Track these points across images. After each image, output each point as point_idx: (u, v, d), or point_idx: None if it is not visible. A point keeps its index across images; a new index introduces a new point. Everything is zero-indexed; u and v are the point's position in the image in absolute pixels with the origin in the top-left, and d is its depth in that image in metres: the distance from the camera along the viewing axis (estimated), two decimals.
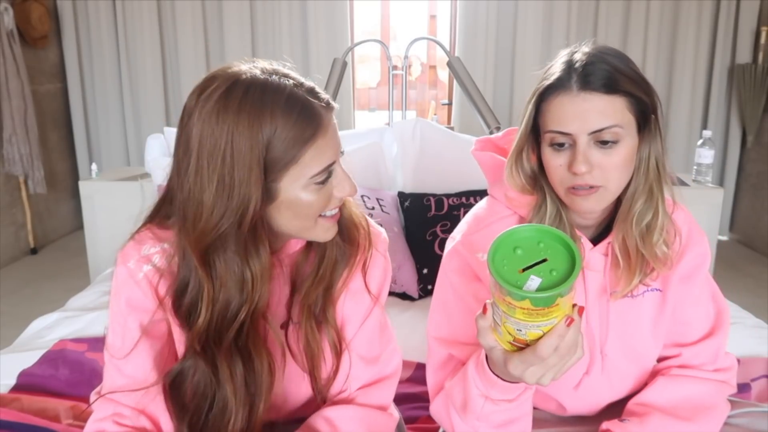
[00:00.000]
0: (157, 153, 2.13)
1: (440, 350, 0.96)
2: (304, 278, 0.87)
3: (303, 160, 0.74)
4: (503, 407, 0.80)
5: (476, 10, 3.63)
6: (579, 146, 0.82)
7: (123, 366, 0.82)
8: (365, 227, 0.91)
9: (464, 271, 0.95)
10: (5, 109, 3.14)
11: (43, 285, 3.04)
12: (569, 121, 0.82)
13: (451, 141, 2.19)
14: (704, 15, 3.61)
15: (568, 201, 0.87)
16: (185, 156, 0.74)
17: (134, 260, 0.82)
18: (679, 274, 0.95)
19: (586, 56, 0.83)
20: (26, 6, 3.35)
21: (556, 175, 0.86)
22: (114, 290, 0.84)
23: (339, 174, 0.79)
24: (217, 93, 0.72)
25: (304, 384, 0.89)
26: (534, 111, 0.87)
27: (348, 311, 0.90)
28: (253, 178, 0.71)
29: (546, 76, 0.86)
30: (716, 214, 2.29)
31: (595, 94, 0.80)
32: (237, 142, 0.70)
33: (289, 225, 0.79)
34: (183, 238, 0.76)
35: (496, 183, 0.98)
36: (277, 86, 0.73)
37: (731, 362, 1.00)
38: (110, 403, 0.82)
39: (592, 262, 0.92)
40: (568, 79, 0.82)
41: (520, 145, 0.90)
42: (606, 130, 0.81)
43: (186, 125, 0.74)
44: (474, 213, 1.00)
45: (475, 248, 0.94)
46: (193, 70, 3.72)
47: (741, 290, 2.86)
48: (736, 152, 3.79)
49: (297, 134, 0.72)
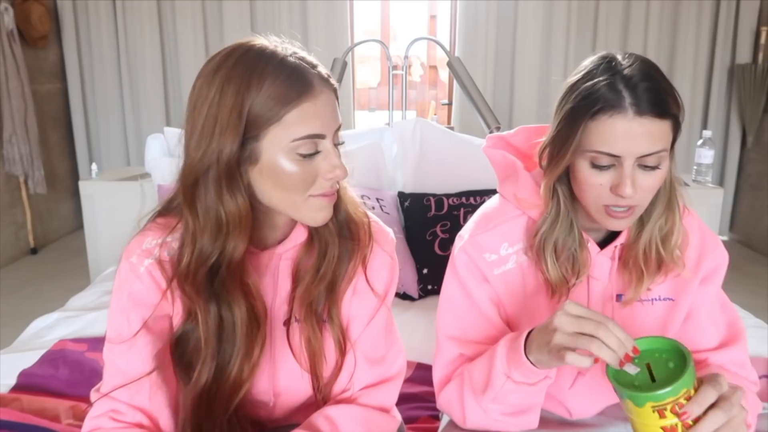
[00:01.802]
0: (157, 153, 2.13)
1: (451, 348, 0.96)
2: (304, 273, 0.87)
3: (285, 120, 0.75)
4: (522, 390, 0.84)
5: (476, 10, 3.63)
6: (626, 169, 0.80)
7: (121, 362, 0.82)
8: (365, 222, 0.91)
9: (472, 270, 0.95)
10: (5, 109, 3.14)
11: (43, 285, 3.04)
12: (620, 143, 0.79)
13: (451, 141, 2.19)
14: (704, 15, 3.61)
15: (598, 218, 0.86)
16: (188, 108, 0.79)
17: (136, 255, 0.83)
18: (700, 277, 0.94)
19: (636, 74, 0.80)
20: (26, 6, 3.35)
21: (592, 194, 0.84)
22: (116, 286, 0.84)
23: (329, 153, 0.79)
24: (221, 53, 0.78)
25: (304, 383, 0.89)
26: (582, 131, 0.81)
27: (354, 310, 0.90)
28: (231, 128, 0.74)
29: (592, 94, 0.80)
30: (716, 214, 2.29)
31: (648, 118, 0.78)
32: (225, 93, 0.74)
33: (273, 196, 0.79)
34: (178, 182, 0.81)
35: (506, 182, 0.97)
36: (275, 52, 0.77)
37: (756, 377, 0.98)
38: (108, 401, 0.82)
39: (597, 267, 0.92)
40: (621, 100, 0.78)
41: (564, 168, 0.86)
42: (654, 154, 0.80)
43: (194, 83, 0.79)
44: (483, 211, 1.00)
45: (482, 248, 0.94)
46: (193, 70, 3.69)
47: (741, 290, 2.86)
48: (736, 152, 3.79)
49: (282, 93, 0.74)
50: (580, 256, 0.90)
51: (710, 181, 2.39)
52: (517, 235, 0.94)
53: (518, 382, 0.83)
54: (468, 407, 0.91)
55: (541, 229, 0.90)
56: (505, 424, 0.91)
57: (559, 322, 0.75)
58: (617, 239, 0.91)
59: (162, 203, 0.87)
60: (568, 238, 0.89)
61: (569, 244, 0.89)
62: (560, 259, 0.89)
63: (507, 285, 0.94)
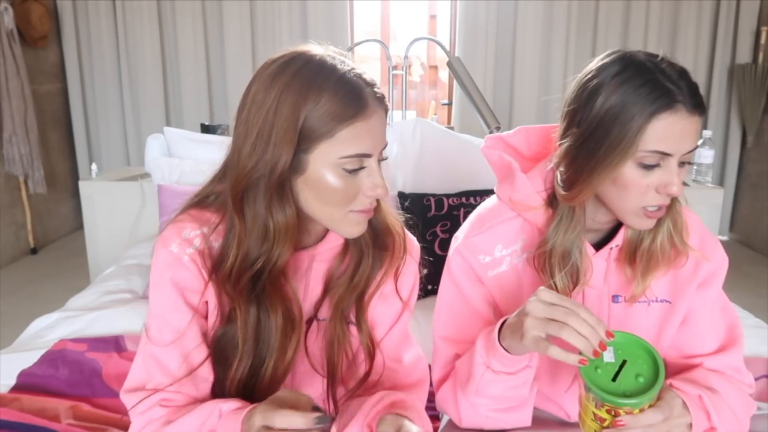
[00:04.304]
0: (157, 153, 2.13)
1: (447, 349, 0.97)
2: (337, 280, 0.88)
3: (337, 137, 0.75)
4: (502, 380, 0.83)
5: (476, 10, 3.63)
6: (673, 167, 0.79)
7: (169, 355, 0.81)
8: (401, 234, 0.92)
9: (467, 272, 0.95)
10: (5, 109, 3.14)
11: (43, 285, 3.04)
12: (673, 141, 0.78)
13: (451, 141, 2.18)
14: (704, 15, 3.61)
15: (631, 220, 0.84)
16: (241, 108, 0.79)
17: (176, 243, 0.82)
18: (698, 281, 0.93)
19: (674, 71, 0.78)
20: (26, 6, 3.35)
21: (636, 195, 0.81)
22: (156, 276, 0.83)
23: (373, 172, 0.79)
24: (280, 61, 0.78)
25: (315, 385, 0.89)
26: (638, 132, 0.77)
27: (378, 314, 0.92)
28: (286, 140, 0.74)
29: (641, 93, 0.77)
30: (716, 214, 2.29)
31: (696, 115, 0.78)
32: (282, 103, 0.74)
33: (313, 207, 0.80)
34: (226, 185, 0.81)
35: (503, 183, 0.97)
36: (335, 66, 0.77)
37: (751, 380, 0.97)
38: (153, 394, 0.81)
39: (593, 268, 0.92)
40: (674, 98, 0.76)
41: (612, 174, 0.80)
42: (693, 151, 0.80)
43: (249, 84, 0.79)
44: (478, 212, 0.99)
45: (476, 250, 0.94)
46: (193, 70, 3.72)
47: (741, 290, 2.86)
48: (736, 152, 3.79)
49: (338, 110, 0.74)
50: (582, 265, 0.88)
51: (710, 181, 2.39)
52: (511, 237, 0.94)
53: (497, 371, 0.83)
54: (461, 405, 0.91)
55: (551, 239, 0.87)
56: (497, 420, 0.91)
57: (531, 308, 0.75)
58: (612, 241, 0.91)
59: (197, 196, 0.87)
60: (573, 245, 0.87)
61: (573, 251, 0.88)
62: (565, 268, 0.88)
63: (501, 287, 0.94)
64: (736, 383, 0.93)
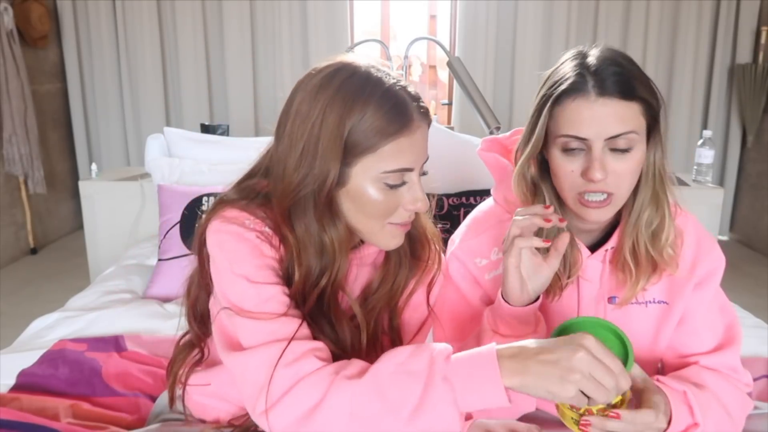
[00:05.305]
0: (157, 153, 2.12)
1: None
2: (374, 289, 0.89)
3: (381, 151, 0.75)
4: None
5: (476, 10, 3.63)
6: (595, 152, 0.80)
7: (284, 319, 0.76)
8: (437, 246, 0.92)
9: (464, 275, 0.96)
10: (5, 109, 3.14)
11: (43, 285, 3.04)
12: (586, 126, 0.80)
13: (451, 141, 2.18)
14: (704, 15, 3.61)
15: (576, 210, 0.85)
16: (284, 119, 0.78)
17: (250, 220, 0.79)
18: (694, 282, 0.93)
19: (599, 60, 0.81)
20: (26, 6, 3.35)
21: (566, 181, 0.84)
22: (232, 243, 0.77)
23: (414, 186, 0.79)
24: (325, 72, 0.77)
25: None
26: (548, 116, 0.83)
27: (405, 319, 0.92)
28: (333, 153, 0.74)
29: (558, 80, 0.83)
30: (716, 214, 2.29)
31: (613, 99, 0.79)
32: (328, 116, 0.74)
33: (352, 219, 0.79)
34: (273, 198, 0.79)
35: (499, 185, 0.97)
36: (380, 80, 0.76)
37: (749, 379, 0.97)
38: (293, 343, 0.73)
39: (588, 270, 0.92)
40: (585, 83, 0.80)
41: (532, 152, 0.87)
42: (622, 136, 0.79)
43: (292, 94, 0.79)
44: (474, 216, 1.00)
45: (472, 253, 0.95)
46: (193, 70, 3.72)
47: (741, 290, 2.86)
48: (736, 152, 3.79)
49: (383, 125, 0.74)
50: (570, 255, 0.89)
51: (710, 181, 2.39)
52: None
53: (506, 335, 0.85)
54: None
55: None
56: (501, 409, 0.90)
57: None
58: (608, 243, 0.91)
59: (241, 191, 0.84)
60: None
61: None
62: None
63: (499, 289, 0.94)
64: (732, 381, 0.93)
